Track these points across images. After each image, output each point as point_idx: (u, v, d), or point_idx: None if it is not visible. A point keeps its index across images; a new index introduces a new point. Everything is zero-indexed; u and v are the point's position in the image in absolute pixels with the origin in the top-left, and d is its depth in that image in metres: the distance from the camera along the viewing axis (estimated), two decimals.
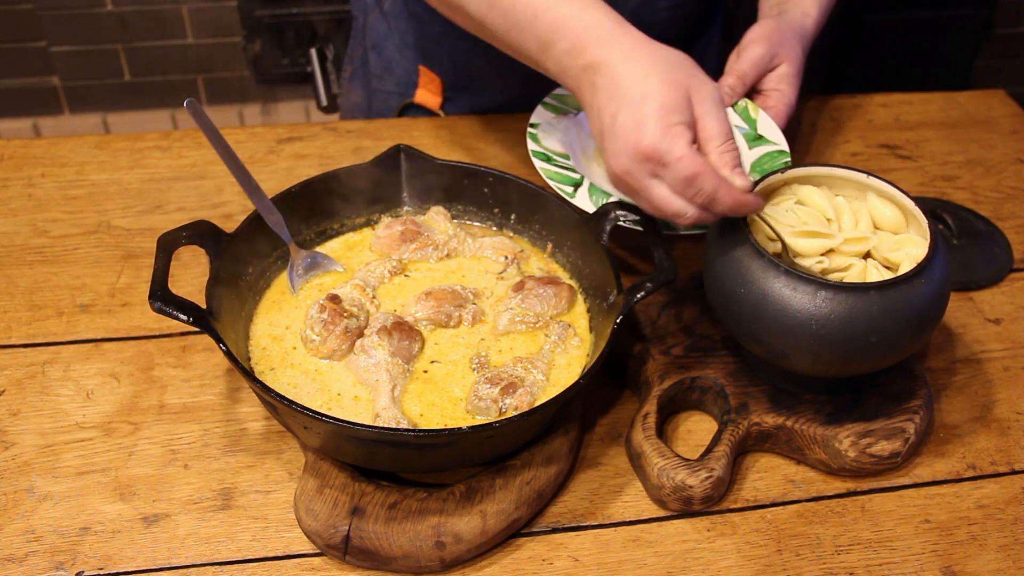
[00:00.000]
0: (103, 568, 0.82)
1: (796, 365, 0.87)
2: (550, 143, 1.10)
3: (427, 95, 1.36)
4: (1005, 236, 1.19)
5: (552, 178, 1.03)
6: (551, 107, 1.15)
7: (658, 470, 0.86)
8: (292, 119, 2.91)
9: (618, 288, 0.91)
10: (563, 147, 1.12)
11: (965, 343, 1.06)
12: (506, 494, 0.84)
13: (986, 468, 0.93)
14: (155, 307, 0.82)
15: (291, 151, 1.28)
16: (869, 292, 0.81)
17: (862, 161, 1.31)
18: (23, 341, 1.01)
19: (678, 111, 0.84)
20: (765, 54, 1.12)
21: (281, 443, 0.92)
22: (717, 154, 0.84)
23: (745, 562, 0.84)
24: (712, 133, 0.84)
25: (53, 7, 2.60)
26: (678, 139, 0.83)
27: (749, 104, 1.16)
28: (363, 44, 1.41)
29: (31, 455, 0.90)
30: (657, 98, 0.84)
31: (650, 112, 0.83)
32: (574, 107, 1.17)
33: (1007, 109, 1.43)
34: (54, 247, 1.12)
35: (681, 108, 0.84)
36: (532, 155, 1.07)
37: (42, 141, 1.28)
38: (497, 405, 0.86)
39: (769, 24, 1.14)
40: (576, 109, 1.17)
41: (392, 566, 0.82)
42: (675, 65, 0.86)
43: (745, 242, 0.86)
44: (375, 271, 0.99)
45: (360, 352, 0.90)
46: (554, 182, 1.02)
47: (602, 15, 0.89)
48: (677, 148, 0.82)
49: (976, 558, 0.85)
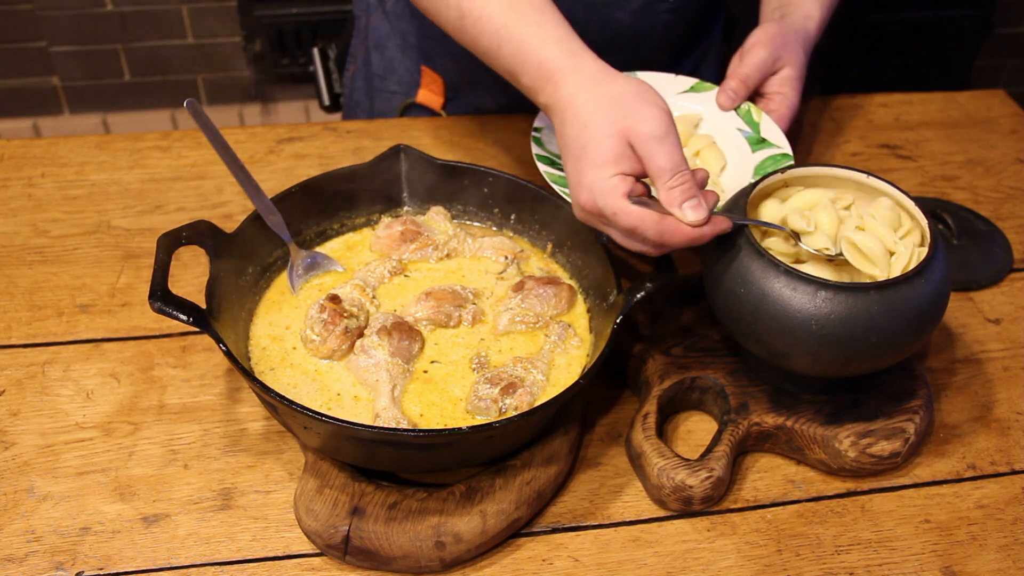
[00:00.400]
0: (103, 568, 0.82)
1: (796, 365, 0.87)
2: (554, 147, 1.10)
3: (429, 95, 1.36)
4: (1005, 236, 1.19)
5: (556, 182, 1.03)
6: None
7: (658, 470, 0.86)
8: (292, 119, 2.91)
9: (618, 288, 0.91)
10: None
11: (965, 343, 1.06)
12: (506, 494, 0.84)
13: (986, 468, 0.93)
14: (155, 307, 0.82)
15: (291, 151, 1.28)
16: (869, 292, 0.81)
17: (862, 161, 1.31)
18: (23, 341, 1.01)
19: (612, 162, 0.83)
20: (768, 57, 1.12)
21: (281, 443, 0.92)
22: (665, 191, 0.82)
23: (745, 562, 0.84)
24: (658, 170, 0.82)
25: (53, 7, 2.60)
26: (611, 194, 0.82)
27: (752, 107, 1.16)
28: (365, 44, 1.41)
29: (31, 455, 0.90)
30: (592, 151, 0.83)
31: (586, 168, 0.84)
32: None
33: (1007, 109, 1.43)
34: (54, 247, 1.12)
35: (617, 156, 0.83)
36: (536, 159, 1.07)
37: (42, 141, 1.28)
38: (497, 405, 0.86)
39: (772, 27, 1.14)
40: None
41: (392, 566, 0.82)
42: (617, 104, 0.84)
43: (745, 242, 0.86)
44: (375, 271, 0.99)
45: (360, 352, 0.90)
46: (558, 186, 1.02)
47: (555, 49, 0.88)
48: (611, 204, 0.82)
49: (976, 558, 0.85)
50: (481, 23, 0.92)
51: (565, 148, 0.87)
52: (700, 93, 1.20)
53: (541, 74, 0.88)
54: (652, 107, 0.83)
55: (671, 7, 1.25)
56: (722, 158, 1.16)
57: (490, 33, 0.91)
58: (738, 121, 1.18)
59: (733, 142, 1.17)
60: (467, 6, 0.93)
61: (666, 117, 0.83)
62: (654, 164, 0.82)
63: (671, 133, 0.83)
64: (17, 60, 2.70)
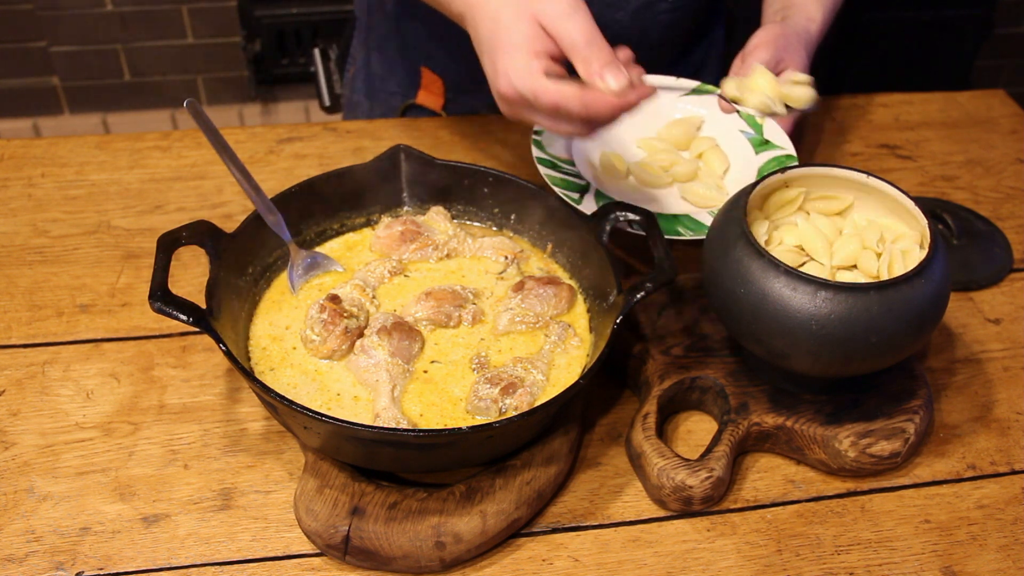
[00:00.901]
0: (103, 568, 0.82)
1: (796, 365, 0.87)
2: (555, 150, 1.10)
3: (429, 96, 1.36)
4: (1005, 236, 1.19)
5: (558, 185, 1.03)
6: None
7: (658, 470, 0.86)
8: (292, 119, 2.91)
9: (618, 288, 0.91)
10: (567, 153, 1.12)
11: (965, 343, 1.06)
12: (506, 494, 0.84)
13: (986, 468, 0.93)
14: (155, 307, 0.82)
15: (291, 151, 1.28)
16: (869, 292, 0.81)
17: (862, 161, 1.31)
18: (23, 341, 1.01)
19: (525, 45, 0.82)
20: (770, 59, 1.12)
21: (281, 443, 0.92)
22: (582, 64, 0.82)
23: (745, 562, 0.84)
24: (572, 45, 0.82)
25: (53, 7, 2.61)
26: (527, 75, 0.82)
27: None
28: (366, 44, 1.41)
29: (31, 455, 0.90)
30: (504, 38, 0.83)
31: (500, 56, 0.83)
32: None
33: (1007, 109, 1.43)
34: (54, 247, 1.12)
35: (529, 39, 0.83)
36: (537, 162, 1.07)
37: (42, 141, 1.28)
38: (497, 405, 0.86)
39: (774, 29, 1.14)
40: None
41: (392, 566, 0.82)
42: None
43: (745, 242, 0.86)
44: (375, 271, 0.99)
45: (360, 352, 0.90)
46: (560, 188, 1.02)
47: None
48: (529, 84, 0.82)
49: (976, 558, 0.85)
50: None
51: (479, 48, 0.87)
52: (702, 96, 1.20)
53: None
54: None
55: (670, 7, 1.25)
56: (725, 160, 1.16)
57: None
58: (741, 123, 1.18)
59: (736, 144, 1.18)
60: None
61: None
62: (567, 39, 0.82)
63: (580, 7, 0.83)
64: (17, 60, 2.70)
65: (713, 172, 1.14)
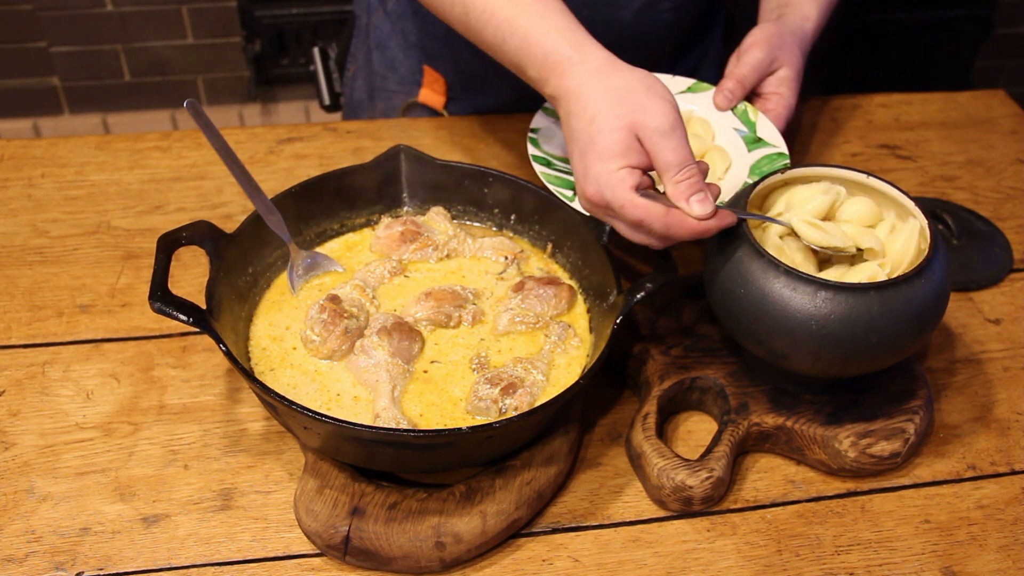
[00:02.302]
0: (103, 568, 0.82)
1: (796, 365, 0.87)
2: (550, 148, 1.10)
3: (431, 95, 1.36)
4: (1005, 236, 1.19)
5: (552, 182, 1.03)
6: (551, 112, 1.15)
7: (658, 470, 0.86)
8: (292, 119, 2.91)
9: (618, 288, 0.91)
10: (563, 152, 1.12)
11: (965, 343, 1.06)
12: (506, 494, 0.84)
13: (986, 468, 0.93)
14: (155, 307, 0.82)
15: (291, 151, 1.28)
16: (869, 292, 0.81)
17: (862, 161, 1.31)
18: (23, 341, 1.01)
19: (620, 155, 0.83)
20: (765, 58, 1.12)
21: (281, 443, 0.92)
22: (672, 185, 0.83)
23: (745, 562, 0.84)
24: (665, 164, 0.83)
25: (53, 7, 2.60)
26: (619, 187, 0.83)
27: (748, 107, 1.16)
28: (366, 43, 1.41)
29: (31, 455, 0.90)
30: (600, 144, 0.83)
31: (593, 161, 0.84)
32: None
33: (1007, 109, 1.43)
34: (54, 247, 1.12)
35: (625, 149, 0.83)
36: (532, 159, 1.07)
37: (42, 141, 1.28)
38: (497, 405, 0.86)
39: (769, 28, 1.14)
40: None
41: (392, 566, 0.82)
42: (625, 98, 0.84)
43: (745, 242, 0.86)
44: (375, 271, 0.99)
45: (360, 352, 0.90)
46: (554, 186, 1.02)
47: (559, 40, 0.88)
48: (619, 196, 0.83)
49: (976, 558, 0.85)
50: (485, 17, 0.92)
51: (572, 140, 0.87)
52: (697, 93, 1.20)
53: (547, 65, 0.88)
54: (660, 100, 0.84)
55: (673, 6, 1.25)
56: (727, 158, 1.16)
57: (494, 27, 0.92)
58: (734, 121, 1.18)
59: (729, 141, 1.18)
60: (470, 2, 0.93)
61: (673, 111, 0.84)
62: (661, 158, 0.83)
63: (678, 127, 0.83)
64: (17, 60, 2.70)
65: (714, 171, 1.14)
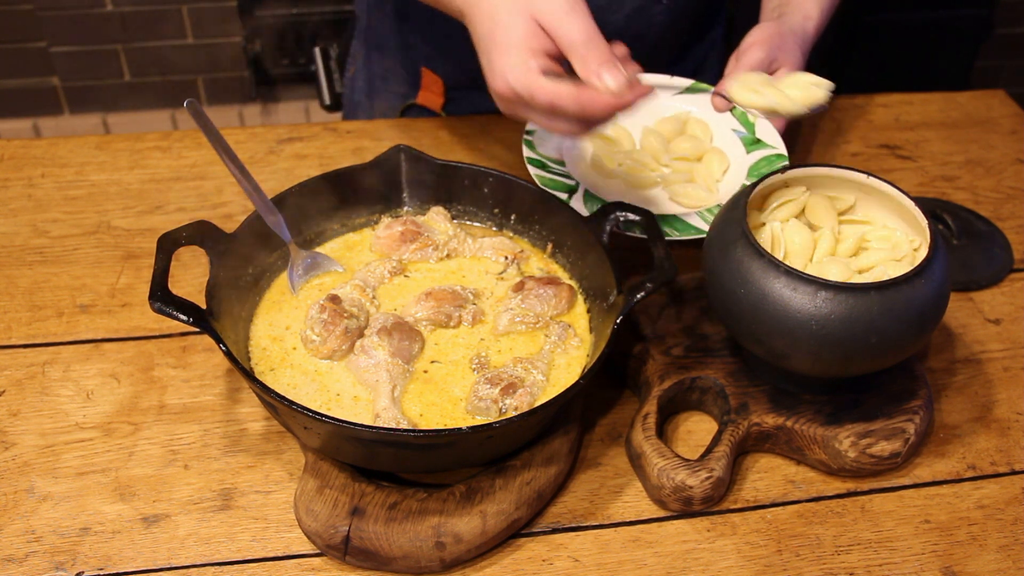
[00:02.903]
0: (103, 568, 0.82)
1: (796, 365, 0.87)
2: (545, 150, 1.11)
3: (429, 96, 1.36)
4: (1005, 236, 1.19)
5: (547, 185, 1.03)
6: None
7: (658, 470, 0.86)
8: (292, 119, 2.91)
9: (618, 288, 0.91)
10: (558, 154, 1.12)
11: (965, 343, 1.06)
12: (506, 494, 0.84)
13: (986, 468, 0.93)
14: (155, 307, 0.82)
15: (291, 151, 1.28)
16: (869, 292, 0.81)
17: (862, 161, 1.31)
18: (23, 341, 1.01)
19: (522, 43, 0.82)
20: (764, 58, 1.12)
21: (281, 443, 0.92)
22: (580, 63, 0.82)
23: (745, 562, 0.84)
24: (570, 43, 0.82)
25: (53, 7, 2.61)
26: (523, 72, 0.82)
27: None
28: (366, 44, 1.41)
29: (31, 455, 0.90)
30: (500, 37, 0.83)
31: (496, 56, 0.83)
32: None
33: (1007, 109, 1.43)
34: (54, 247, 1.12)
35: (526, 36, 0.82)
36: (527, 162, 1.07)
37: (42, 141, 1.28)
38: (497, 405, 0.86)
39: (769, 27, 1.14)
40: None
41: (392, 566, 0.82)
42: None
43: (745, 242, 0.86)
44: (375, 271, 0.99)
45: (360, 352, 0.90)
46: (549, 189, 1.02)
47: None
48: (524, 82, 0.82)
49: (976, 558, 0.85)
50: None
51: (477, 45, 0.87)
52: (696, 94, 1.20)
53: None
54: None
55: (665, 8, 1.24)
56: (725, 160, 1.16)
57: None
58: (733, 122, 1.18)
59: (728, 143, 1.18)
60: None
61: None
62: (565, 38, 0.82)
63: (578, 5, 0.82)
64: (17, 60, 2.70)
65: (711, 174, 1.14)
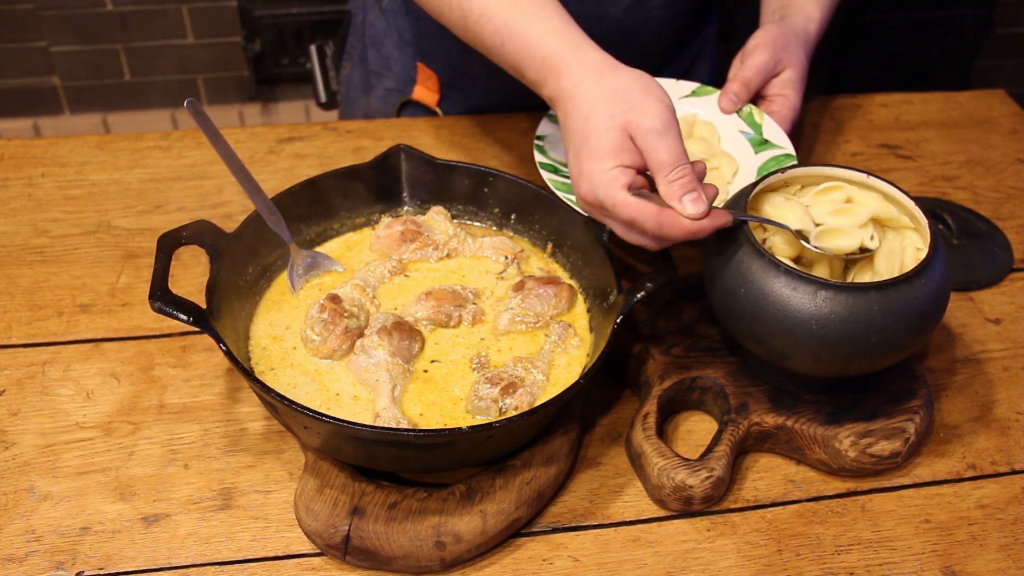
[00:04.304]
0: (103, 568, 0.82)
1: (796, 365, 0.87)
2: (557, 155, 1.11)
3: (425, 92, 1.36)
4: (1005, 236, 1.19)
5: (560, 189, 1.03)
6: (555, 118, 1.15)
7: (658, 470, 0.86)
8: (292, 119, 2.91)
9: (618, 288, 0.91)
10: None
11: (965, 343, 1.06)
12: (506, 494, 0.84)
13: (986, 468, 0.93)
14: (155, 307, 0.82)
15: (291, 151, 1.28)
16: (869, 292, 0.81)
17: (862, 161, 1.31)
18: (23, 341, 1.01)
19: (613, 154, 0.83)
20: (769, 60, 1.12)
21: (281, 443, 0.92)
22: (665, 185, 0.83)
23: (745, 562, 0.84)
24: (659, 164, 0.83)
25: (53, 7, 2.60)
26: (611, 185, 0.83)
27: (754, 109, 1.16)
28: (362, 41, 1.41)
29: (31, 455, 0.90)
30: (593, 143, 0.84)
31: (586, 160, 0.84)
32: None
33: (1007, 109, 1.43)
34: (54, 247, 1.12)
35: (618, 149, 0.83)
36: (540, 167, 1.07)
37: (42, 141, 1.28)
38: (497, 405, 0.86)
39: (772, 30, 1.14)
40: None
41: (392, 566, 0.82)
42: (620, 98, 0.84)
43: (745, 242, 0.86)
44: (375, 271, 0.99)
45: (360, 352, 0.90)
46: (563, 193, 1.02)
47: (558, 42, 0.88)
48: (611, 195, 0.83)
49: (976, 558, 0.85)
50: (483, 21, 0.93)
51: (568, 140, 0.87)
52: (701, 97, 1.20)
53: (545, 67, 0.89)
54: (654, 101, 0.84)
55: (662, 3, 1.24)
56: (734, 164, 1.16)
57: (492, 31, 0.92)
58: (740, 123, 1.18)
59: (736, 144, 1.18)
60: (468, 5, 0.93)
61: (667, 111, 0.84)
62: (654, 157, 0.83)
63: (672, 127, 0.83)
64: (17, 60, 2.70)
65: (722, 176, 1.14)
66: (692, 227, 0.83)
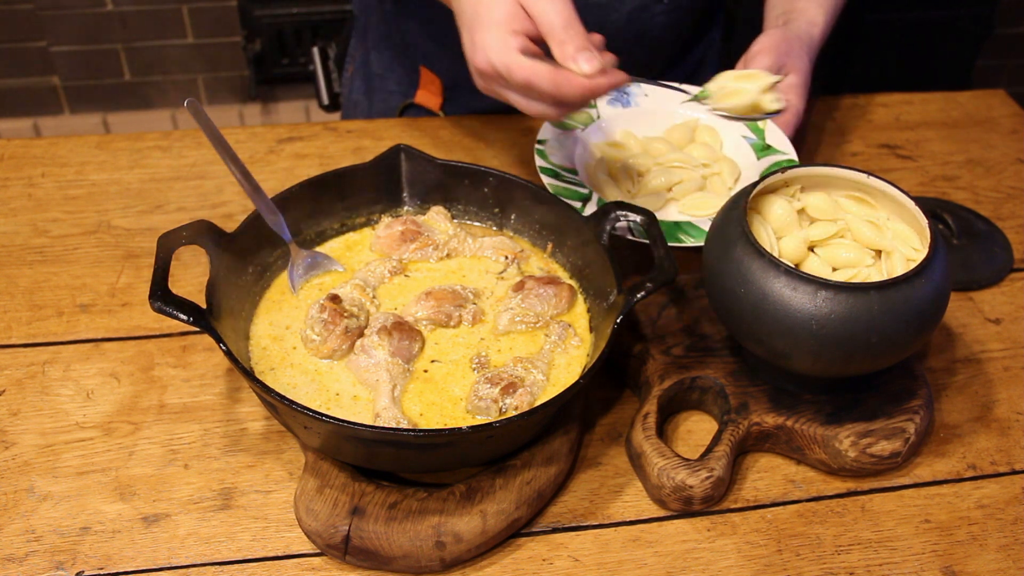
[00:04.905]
0: (103, 568, 0.82)
1: (796, 365, 0.87)
2: (558, 159, 1.11)
3: (427, 96, 1.36)
4: (1005, 236, 1.19)
5: (561, 194, 1.03)
6: (557, 123, 1.15)
7: (658, 470, 0.86)
8: (292, 119, 2.91)
9: (618, 288, 0.91)
10: (570, 163, 1.12)
11: (965, 343, 1.06)
12: (506, 494, 0.84)
13: (986, 468, 0.93)
14: (155, 307, 0.82)
15: (291, 151, 1.28)
16: (869, 292, 0.81)
17: (862, 161, 1.31)
18: (23, 341, 1.01)
19: (504, 22, 0.85)
20: (772, 64, 1.12)
21: (281, 443, 0.92)
22: (557, 46, 0.84)
23: (745, 562, 0.84)
24: (550, 27, 0.84)
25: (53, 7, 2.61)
26: (502, 50, 0.84)
27: None
28: (364, 43, 1.41)
29: (31, 455, 0.90)
30: (484, 15, 0.86)
31: (478, 31, 0.86)
32: (580, 123, 1.17)
33: (1007, 109, 1.43)
34: (54, 247, 1.12)
35: (508, 17, 0.85)
36: (540, 171, 1.07)
37: (42, 141, 1.28)
38: (497, 405, 0.86)
39: (776, 34, 1.14)
40: (583, 125, 1.18)
41: (392, 566, 0.82)
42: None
43: (745, 242, 0.86)
44: (375, 271, 0.99)
45: (360, 352, 0.90)
46: (563, 197, 1.02)
47: None
48: (504, 59, 0.84)
49: (976, 558, 0.85)
50: None
51: (461, 25, 0.90)
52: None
53: None
54: None
55: (666, 8, 1.25)
56: (736, 169, 1.15)
57: None
58: (743, 128, 1.18)
59: (738, 149, 1.17)
60: None
61: None
62: (545, 21, 0.84)
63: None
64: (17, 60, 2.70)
65: (724, 181, 1.14)
66: (588, 84, 0.84)
